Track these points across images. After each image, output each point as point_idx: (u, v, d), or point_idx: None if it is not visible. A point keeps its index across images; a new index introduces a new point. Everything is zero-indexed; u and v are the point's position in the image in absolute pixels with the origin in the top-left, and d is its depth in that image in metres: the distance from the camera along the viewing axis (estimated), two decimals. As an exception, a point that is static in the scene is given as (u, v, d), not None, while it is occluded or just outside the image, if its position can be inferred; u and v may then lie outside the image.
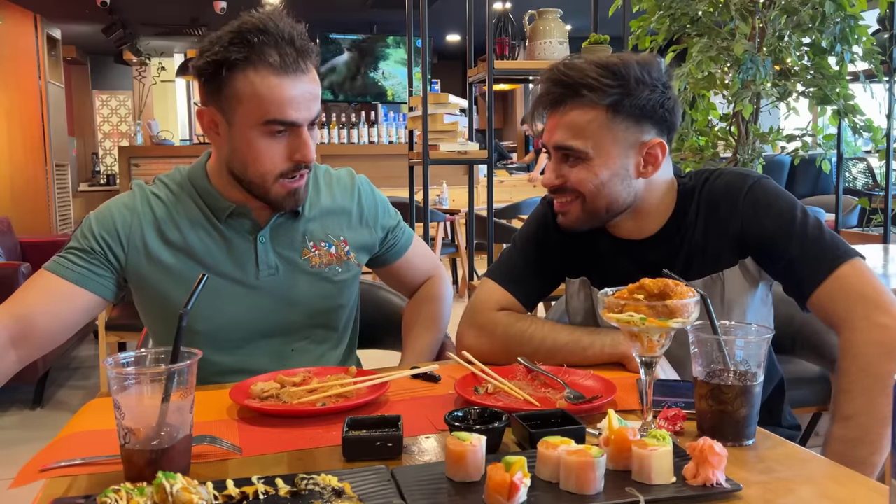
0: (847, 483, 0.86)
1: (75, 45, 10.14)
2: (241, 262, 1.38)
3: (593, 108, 1.25)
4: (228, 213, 1.37)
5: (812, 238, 1.24)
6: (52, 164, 6.56)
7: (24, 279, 3.36)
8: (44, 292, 1.30)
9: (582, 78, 1.25)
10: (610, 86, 1.24)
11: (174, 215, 1.37)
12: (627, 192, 1.29)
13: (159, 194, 1.40)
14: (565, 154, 1.29)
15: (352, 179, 1.52)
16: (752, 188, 1.29)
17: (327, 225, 1.44)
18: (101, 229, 1.35)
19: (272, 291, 1.39)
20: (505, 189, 7.33)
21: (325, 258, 1.43)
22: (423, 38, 3.55)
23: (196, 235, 1.37)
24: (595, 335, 1.30)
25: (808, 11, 2.96)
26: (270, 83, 1.23)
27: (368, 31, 9.48)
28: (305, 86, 1.27)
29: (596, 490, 0.80)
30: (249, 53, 1.23)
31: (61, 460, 0.93)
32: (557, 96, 1.28)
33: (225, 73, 1.24)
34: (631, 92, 1.24)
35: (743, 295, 1.31)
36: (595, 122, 1.25)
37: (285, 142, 1.28)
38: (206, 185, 1.38)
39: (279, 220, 1.40)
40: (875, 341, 1.16)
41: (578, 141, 1.26)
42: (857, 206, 5.04)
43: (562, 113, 1.28)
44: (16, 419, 3.47)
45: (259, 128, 1.26)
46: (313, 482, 0.81)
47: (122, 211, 1.37)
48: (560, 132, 1.28)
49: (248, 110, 1.25)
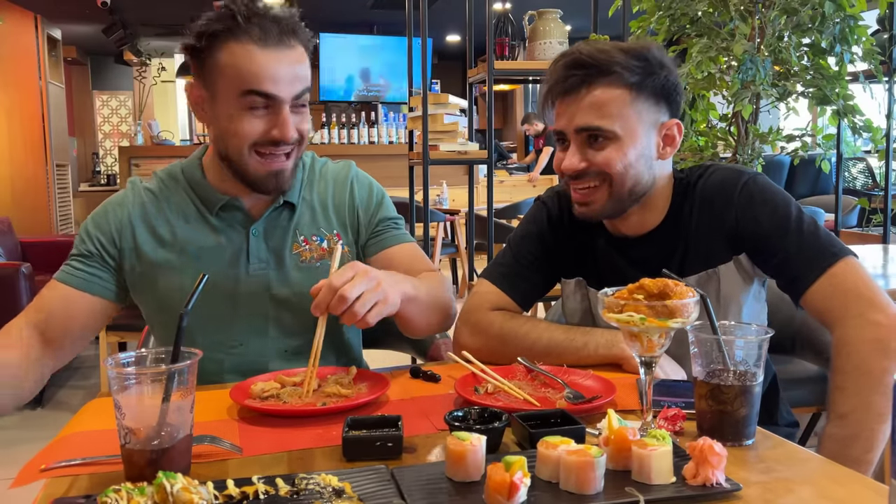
0: (846, 483, 0.86)
1: (75, 45, 10.14)
2: (233, 255, 1.37)
3: (618, 87, 1.25)
4: (220, 206, 1.36)
5: (807, 235, 1.25)
6: (53, 164, 6.56)
7: (24, 279, 3.37)
8: (56, 301, 1.33)
9: (608, 59, 1.25)
10: (635, 65, 1.24)
11: (164, 209, 1.38)
12: (649, 174, 1.30)
13: (152, 188, 1.41)
14: (591, 136, 1.27)
15: (347, 171, 1.49)
16: (746, 184, 1.29)
17: (319, 219, 1.42)
18: (95, 230, 1.37)
19: (263, 286, 1.37)
20: (505, 189, 7.33)
21: (317, 252, 1.40)
22: (423, 38, 3.55)
23: (186, 229, 1.37)
24: (589, 335, 1.30)
25: (808, 11, 2.96)
26: (250, 53, 1.23)
27: (368, 31, 9.48)
28: (287, 61, 1.26)
29: (596, 490, 0.81)
30: (233, 25, 1.24)
31: (62, 460, 0.93)
32: (580, 79, 1.26)
33: (207, 43, 1.25)
34: (653, 71, 1.25)
35: (738, 291, 1.31)
36: (620, 101, 1.25)
37: (266, 119, 1.26)
38: (198, 178, 1.38)
39: (273, 213, 1.39)
40: (869, 339, 1.16)
41: (606, 120, 1.25)
42: (856, 207, 5.04)
43: (584, 94, 1.26)
44: (16, 419, 3.47)
45: (238, 100, 1.25)
46: (313, 482, 0.81)
47: (113, 209, 1.39)
48: (584, 114, 1.26)
49: (227, 81, 1.25)
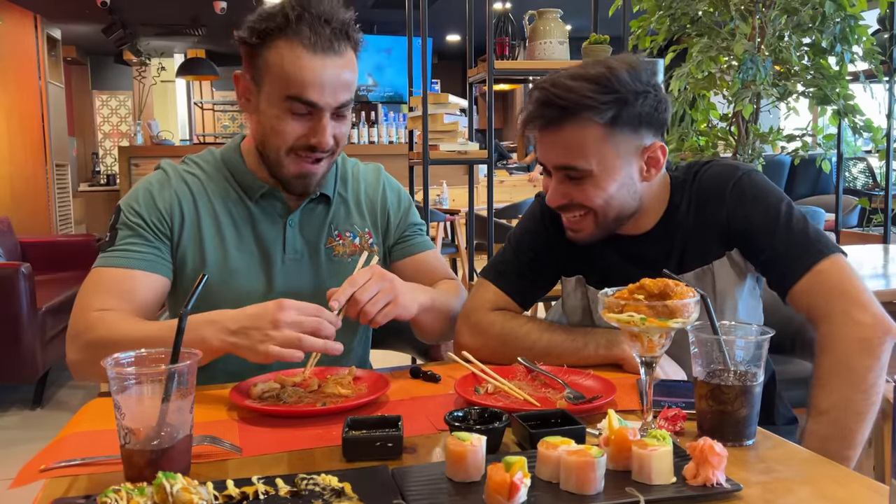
0: (847, 483, 0.86)
1: (75, 45, 10.14)
2: (269, 243, 1.39)
3: (590, 126, 1.21)
4: (261, 194, 1.38)
5: (796, 233, 1.25)
6: (52, 164, 6.56)
7: (24, 279, 3.36)
8: (111, 292, 1.27)
9: (577, 99, 1.19)
10: (606, 102, 1.20)
11: (208, 192, 1.39)
12: (633, 198, 1.29)
13: (193, 172, 1.41)
14: (568, 174, 1.26)
15: (378, 174, 1.53)
16: (739, 180, 1.30)
17: (353, 216, 1.46)
18: (146, 209, 1.34)
19: (294, 276, 1.39)
20: (505, 189, 7.33)
21: (349, 248, 1.43)
22: (423, 37, 3.55)
23: (228, 213, 1.38)
24: (589, 336, 1.30)
25: (808, 11, 2.97)
26: (298, 59, 1.23)
27: (368, 30, 9.48)
28: (335, 69, 1.25)
29: (596, 490, 0.80)
30: (285, 25, 1.23)
31: (61, 460, 0.93)
32: (551, 118, 1.23)
33: (259, 41, 1.25)
34: (627, 101, 1.21)
35: (733, 286, 1.31)
36: (594, 140, 1.22)
37: (306, 125, 1.28)
38: (239, 165, 1.40)
39: (309, 205, 1.41)
40: (852, 337, 1.17)
41: (580, 160, 1.23)
42: (857, 206, 5.04)
43: (557, 133, 1.23)
44: (16, 419, 3.47)
45: (281, 103, 1.26)
46: (313, 482, 0.81)
47: (159, 189, 1.37)
48: (558, 153, 1.25)
49: (273, 83, 1.26)
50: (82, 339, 1.25)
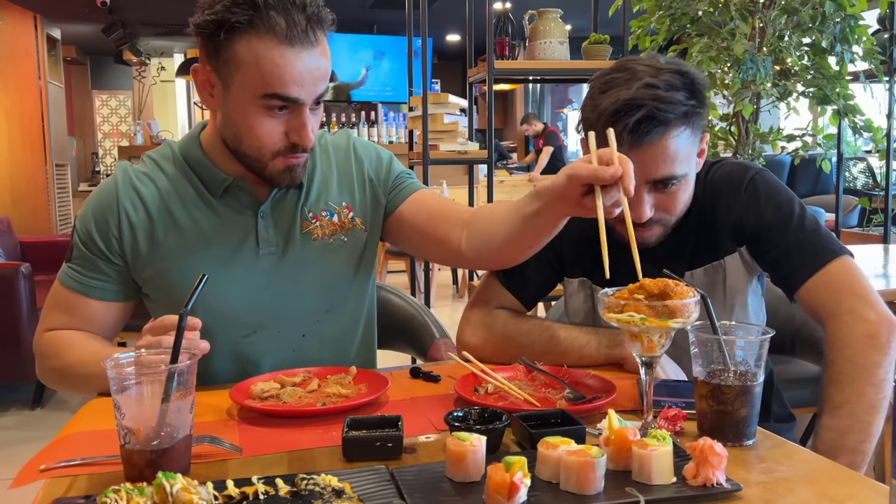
0: (847, 483, 0.86)
1: (75, 45, 10.14)
2: (240, 240, 1.29)
3: (683, 129, 1.22)
4: (225, 188, 1.28)
5: (808, 232, 1.27)
6: (52, 164, 6.56)
7: (23, 279, 3.36)
8: (66, 311, 1.31)
9: (685, 110, 1.20)
10: (695, 105, 1.22)
11: (163, 195, 1.29)
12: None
13: (148, 173, 1.31)
14: (663, 183, 1.23)
15: (347, 139, 1.43)
16: (753, 179, 1.31)
17: (328, 193, 1.36)
18: (96, 230, 1.29)
19: (274, 271, 1.31)
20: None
21: (328, 228, 1.34)
22: (423, 37, 3.55)
23: (189, 214, 1.28)
24: (591, 335, 1.30)
25: (808, 11, 2.97)
26: (274, 54, 1.13)
27: (368, 30, 9.48)
28: (313, 60, 1.16)
29: (596, 490, 0.80)
30: (253, 17, 1.12)
31: (61, 460, 0.93)
32: (653, 132, 1.19)
33: (224, 35, 1.13)
34: (703, 103, 1.24)
35: (744, 282, 1.33)
36: (688, 145, 1.24)
37: (284, 120, 1.19)
38: (200, 158, 1.29)
39: (278, 192, 1.31)
40: (861, 334, 1.18)
41: (682, 166, 1.24)
42: (857, 206, 5.04)
43: (658, 145, 1.20)
44: (16, 419, 3.47)
45: (257, 101, 1.16)
46: (313, 482, 0.81)
47: (105, 202, 1.29)
48: (661, 166, 1.22)
49: (246, 79, 1.15)
50: (40, 364, 1.32)
